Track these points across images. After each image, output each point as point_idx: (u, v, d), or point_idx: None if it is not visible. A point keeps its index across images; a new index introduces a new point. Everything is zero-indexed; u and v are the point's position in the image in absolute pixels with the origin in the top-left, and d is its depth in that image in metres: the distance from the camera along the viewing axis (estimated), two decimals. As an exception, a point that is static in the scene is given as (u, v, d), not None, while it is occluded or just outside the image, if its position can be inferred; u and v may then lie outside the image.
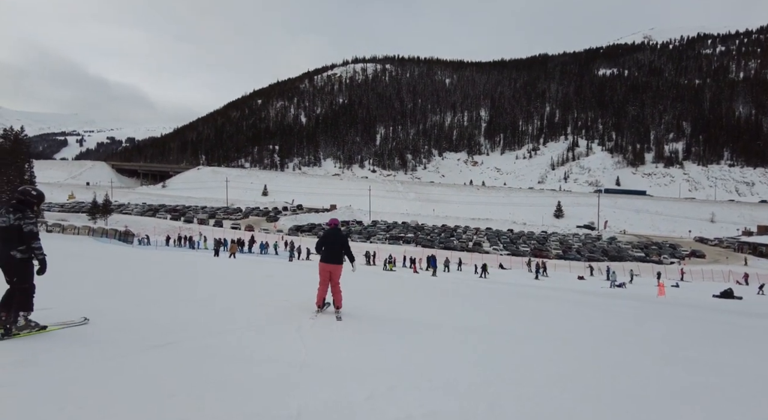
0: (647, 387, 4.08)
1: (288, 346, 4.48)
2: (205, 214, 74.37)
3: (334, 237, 6.23)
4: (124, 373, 3.33)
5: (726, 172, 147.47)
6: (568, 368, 4.60)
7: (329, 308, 6.39)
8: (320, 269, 6.16)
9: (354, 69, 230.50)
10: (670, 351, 6.02)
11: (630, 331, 7.81)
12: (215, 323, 5.31)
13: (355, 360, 4.24)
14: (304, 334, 5.01)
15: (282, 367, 3.78)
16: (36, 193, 4.23)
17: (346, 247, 6.31)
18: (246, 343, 4.50)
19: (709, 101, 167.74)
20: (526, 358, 4.95)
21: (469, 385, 3.70)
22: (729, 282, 35.43)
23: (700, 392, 4.09)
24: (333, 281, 6.14)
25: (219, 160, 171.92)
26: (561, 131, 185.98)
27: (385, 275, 21.00)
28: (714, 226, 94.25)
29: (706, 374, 4.79)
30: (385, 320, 6.49)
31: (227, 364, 3.74)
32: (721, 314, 12.17)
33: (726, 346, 6.99)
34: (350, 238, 57.81)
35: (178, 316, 5.56)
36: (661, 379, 4.41)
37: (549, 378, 4.12)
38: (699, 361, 5.54)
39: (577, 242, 67.83)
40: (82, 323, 4.53)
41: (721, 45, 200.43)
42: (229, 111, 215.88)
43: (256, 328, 5.21)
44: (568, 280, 31.13)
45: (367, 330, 5.68)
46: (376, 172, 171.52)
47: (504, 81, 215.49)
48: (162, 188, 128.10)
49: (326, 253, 6.16)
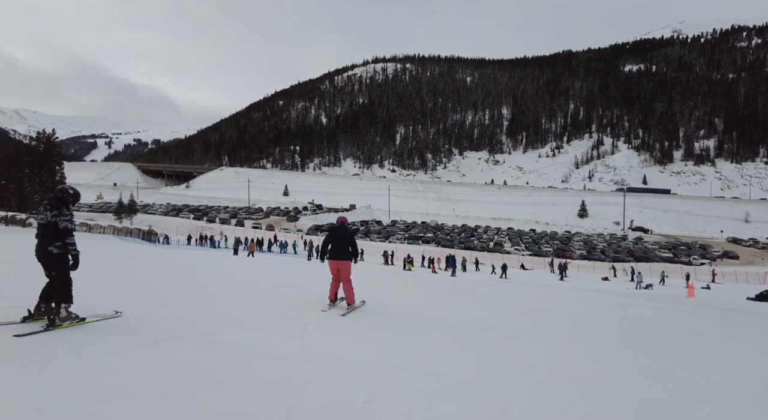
0: (656, 393, 3.79)
1: (287, 344, 4.38)
2: (227, 213, 75.59)
3: (341, 234, 6.31)
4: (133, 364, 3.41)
5: (762, 170, 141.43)
6: (578, 371, 4.33)
7: (342, 302, 6.44)
8: (330, 266, 6.28)
9: (374, 69, 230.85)
10: (687, 354, 5.61)
11: (651, 332, 7.38)
12: (217, 320, 5.24)
13: (358, 359, 4.10)
14: (308, 332, 4.91)
15: (277, 365, 3.68)
16: (72, 192, 4.47)
17: (353, 244, 6.36)
18: (246, 339, 4.41)
19: (744, 96, 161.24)
20: (538, 359, 4.70)
21: (475, 387, 3.50)
22: (766, 284, 33.80)
23: (709, 398, 3.79)
24: (343, 277, 6.21)
25: (241, 161, 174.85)
26: (585, 129, 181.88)
27: (402, 274, 20.77)
28: (748, 226, 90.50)
29: (718, 379, 4.44)
30: (395, 318, 6.35)
31: (222, 360, 3.68)
32: (753, 317, 11.49)
33: (750, 350, 6.51)
34: (369, 238, 58.15)
35: (184, 313, 5.54)
36: (672, 383, 4.11)
37: (557, 381, 3.88)
38: (715, 364, 5.15)
39: (602, 242, 66.11)
40: (115, 316, 4.76)
41: (757, 37, 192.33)
42: (251, 112, 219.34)
43: (258, 325, 5.13)
44: (592, 281, 30.24)
45: (375, 327, 5.56)
46: (395, 172, 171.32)
47: (526, 78, 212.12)
48: (186, 189, 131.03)
49: (333, 250, 6.25)
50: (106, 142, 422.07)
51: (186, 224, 61.71)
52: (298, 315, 5.77)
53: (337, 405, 2.93)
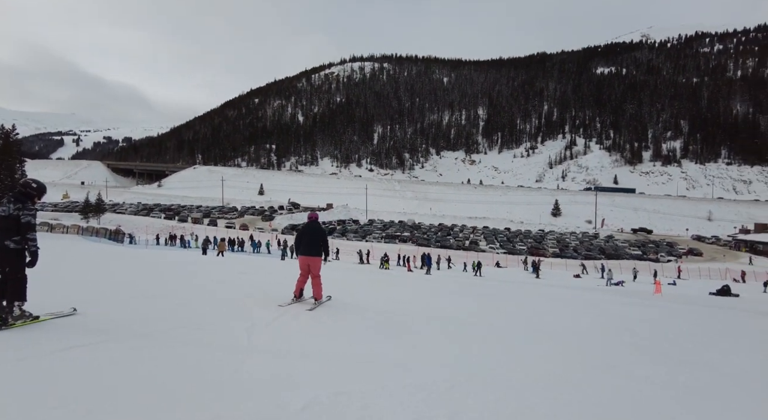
0: (622, 389, 3.72)
1: (233, 339, 4.26)
2: (199, 213, 73.85)
3: (312, 230, 6.33)
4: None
5: (723, 171, 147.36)
6: (545, 368, 4.23)
7: (308, 299, 6.42)
8: (300, 262, 6.28)
9: (352, 67, 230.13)
10: (656, 350, 5.61)
11: (617, 328, 7.41)
12: (175, 318, 5.02)
13: (313, 356, 3.94)
14: (271, 328, 4.82)
15: (228, 360, 3.59)
16: (36, 186, 4.30)
17: (324, 241, 6.41)
18: (203, 336, 4.27)
19: (707, 99, 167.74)
20: (504, 356, 4.59)
21: (436, 388, 3.35)
22: (726, 279, 35.09)
23: (676, 393, 3.75)
24: (313, 273, 6.23)
25: (215, 160, 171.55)
26: (559, 130, 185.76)
27: (377, 273, 20.57)
28: (711, 224, 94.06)
29: (681, 372, 4.46)
30: (364, 314, 6.27)
31: (178, 356, 3.61)
32: (715, 311, 11.79)
33: (712, 344, 6.59)
34: (346, 237, 57.77)
35: (142, 311, 5.29)
36: (637, 381, 4.05)
37: (526, 378, 3.78)
38: (676, 357, 5.16)
39: (575, 241, 67.51)
40: (72, 314, 4.59)
41: (719, 43, 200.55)
42: (226, 110, 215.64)
43: (212, 322, 4.90)
44: (564, 279, 30.76)
45: (343, 322, 5.50)
46: (373, 171, 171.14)
47: (502, 79, 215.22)
48: (158, 187, 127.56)
49: (305, 246, 6.27)
50: (75, 139, 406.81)
51: (157, 224, 59.99)
52: (254, 312, 5.62)
53: (267, 412, 2.72)
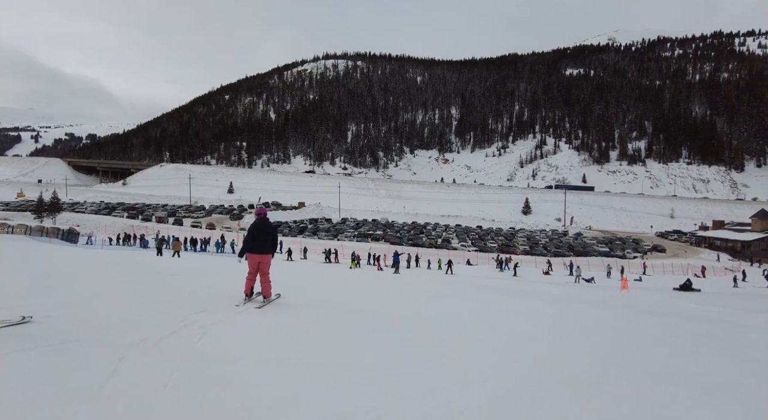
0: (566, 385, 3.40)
1: (188, 341, 3.97)
2: (164, 212, 71.24)
3: (264, 228, 6.21)
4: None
5: (684, 170, 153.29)
6: (491, 367, 3.97)
7: (258, 297, 6.30)
8: (250, 260, 6.10)
9: (325, 65, 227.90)
10: (618, 353, 5.18)
11: (572, 325, 7.00)
12: (123, 322, 4.61)
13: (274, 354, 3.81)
14: (222, 328, 4.58)
15: (184, 363, 3.35)
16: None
17: (274, 238, 6.37)
18: (150, 338, 3.96)
19: (669, 102, 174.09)
20: (438, 356, 4.28)
21: (371, 390, 3.13)
22: (688, 274, 36.06)
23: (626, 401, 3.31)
24: (263, 271, 6.13)
25: (184, 157, 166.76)
26: (530, 130, 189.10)
27: (344, 272, 19.86)
28: (674, 221, 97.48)
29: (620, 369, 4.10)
30: (317, 311, 6.19)
31: (133, 362, 3.32)
32: (677, 310, 11.69)
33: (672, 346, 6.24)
34: (317, 236, 56.76)
35: (89, 315, 4.84)
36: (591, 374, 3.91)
37: (463, 379, 3.54)
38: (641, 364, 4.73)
39: (544, 238, 68.54)
40: (23, 322, 4.14)
41: (679, 48, 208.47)
42: (195, 107, 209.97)
43: (163, 324, 4.52)
44: (534, 276, 30.83)
45: (293, 320, 5.36)
46: (347, 170, 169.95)
47: (474, 79, 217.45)
48: (122, 186, 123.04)
49: (255, 244, 6.12)
50: (33, 136, 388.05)
51: (118, 223, 57.52)
52: (209, 311, 5.34)
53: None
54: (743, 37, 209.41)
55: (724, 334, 7.17)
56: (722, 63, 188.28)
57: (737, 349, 5.84)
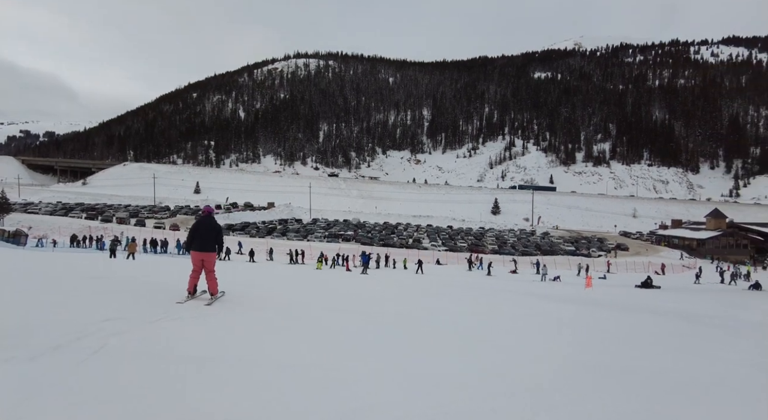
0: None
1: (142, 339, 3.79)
2: (126, 212, 68.37)
3: (207, 225, 6.13)
4: None
5: (645, 171, 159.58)
6: (438, 368, 3.86)
7: (203, 295, 6.25)
8: (193, 257, 6.06)
9: (296, 64, 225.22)
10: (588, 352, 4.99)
11: (534, 322, 6.83)
12: (65, 325, 4.07)
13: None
14: (168, 325, 4.48)
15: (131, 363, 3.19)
16: None
17: (219, 236, 6.25)
18: (93, 340, 3.62)
19: (631, 106, 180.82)
20: (390, 355, 4.17)
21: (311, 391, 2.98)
22: (649, 271, 37.17)
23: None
24: (207, 268, 6.07)
25: (149, 157, 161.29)
26: (499, 131, 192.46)
27: (303, 272, 19.32)
28: (636, 220, 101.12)
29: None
30: (260, 307, 6.22)
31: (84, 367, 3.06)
32: (641, 308, 11.81)
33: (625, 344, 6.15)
34: (286, 237, 55.71)
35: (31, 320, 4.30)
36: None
37: (398, 379, 3.40)
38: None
39: (513, 237, 69.64)
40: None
41: (640, 55, 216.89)
42: (161, 104, 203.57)
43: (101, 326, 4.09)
44: (501, 274, 31.03)
45: (240, 317, 5.31)
46: (319, 170, 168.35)
47: (445, 81, 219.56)
48: (82, 186, 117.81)
49: (199, 241, 6.07)
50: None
51: (75, 224, 54.65)
52: (152, 309, 5.12)
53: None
54: (698, 45, 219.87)
55: (681, 331, 7.14)
56: (679, 70, 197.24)
57: (694, 347, 5.75)
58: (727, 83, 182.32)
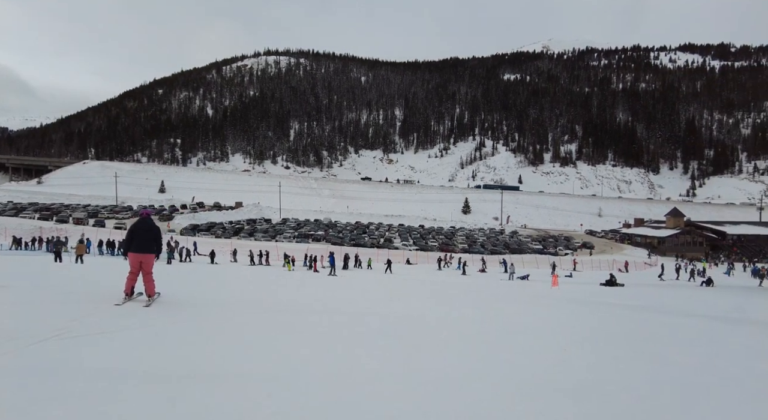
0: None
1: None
2: (84, 212, 65.20)
3: (146, 227, 6.22)
4: None
5: (610, 172, 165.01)
6: (397, 365, 3.85)
7: (139, 297, 6.26)
8: (131, 259, 6.08)
9: (266, 61, 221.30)
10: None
11: (487, 321, 6.56)
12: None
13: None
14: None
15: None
16: None
17: (157, 238, 6.36)
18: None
19: (596, 108, 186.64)
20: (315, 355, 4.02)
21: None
22: (613, 269, 38.11)
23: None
24: (145, 270, 6.12)
25: (111, 155, 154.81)
26: (470, 132, 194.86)
27: (261, 273, 18.63)
28: (601, 219, 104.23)
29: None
30: (200, 307, 6.30)
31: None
32: (607, 306, 11.83)
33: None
34: (254, 238, 54.40)
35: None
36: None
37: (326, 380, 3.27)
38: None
39: (482, 236, 70.42)
40: None
41: (605, 59, 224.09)
42: (125, 100, 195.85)
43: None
44: (471, 273, 31.08)
45: (173, 317, 5.30)
46: (290, 169, 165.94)
47: (417, 82, 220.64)
48: (37, 184, 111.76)
49: (137, 243, 6.12)
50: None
51: (26, 225, 51.69)
52: (87, 313, 5.01)
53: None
54: (657, 51, 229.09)
55: (643, 333, 7.02)
56: (640, 74, 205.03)
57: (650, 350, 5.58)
58: (684, 88, 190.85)
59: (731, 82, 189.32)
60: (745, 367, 4.85)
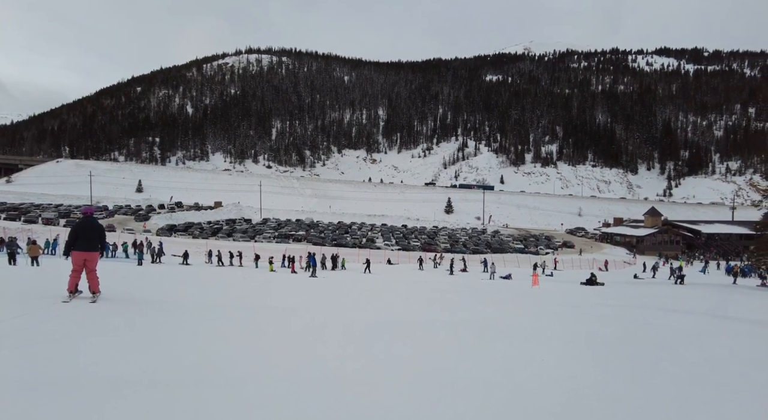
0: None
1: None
2: (54, 212, 62.90)
3: (89, 226, 6.34)
4: None
5: (590, 172, 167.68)
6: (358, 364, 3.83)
7: (82, 294, 6.35)
8: (74, 257, 6.21)
9: (248, 59, 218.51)
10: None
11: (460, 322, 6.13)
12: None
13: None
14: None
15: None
16: None
17: (102, 236, 6.49)
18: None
19: (577, 109, 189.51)
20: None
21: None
22: (593, 268, 38.34)
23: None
24: (89, 268, 6.27)
25: (87, 153, 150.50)
26: (452, 132, 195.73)
27: (229, 273, 17.93)
28: (581, 219, 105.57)
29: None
30: (146, 304, 6.49)
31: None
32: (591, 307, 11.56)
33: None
34: (232, 238, 53.23)
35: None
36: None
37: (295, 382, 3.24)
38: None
39: (464, 236, 70.45)
40: None
41: (584, 61, 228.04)
42: (101, 98, 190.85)
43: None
44: (445, 273, 30.77)
45: (114, 314, 5.38)
46: (272, 168, 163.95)
47: (401, 82, 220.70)
48: (6, 183, 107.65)
49: (82, 242, 6.25)
50: None
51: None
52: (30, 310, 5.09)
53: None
54: (635, 54, 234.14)
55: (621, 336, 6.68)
56: (619, 76, 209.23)
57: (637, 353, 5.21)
58: (660, 90, 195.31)
59: (704, 85, 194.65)
60: (739, 373, 4.51)
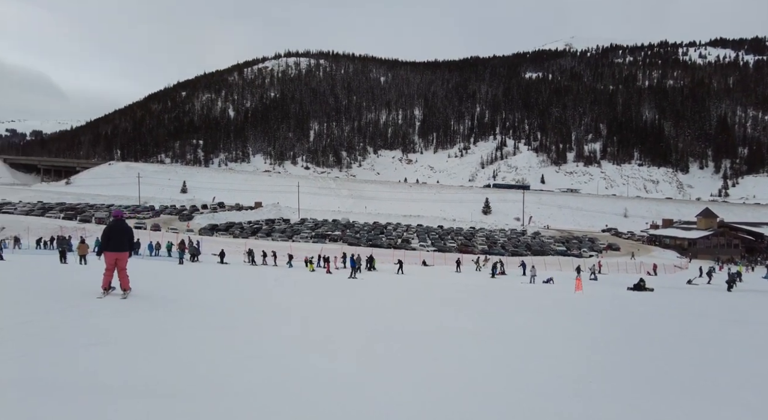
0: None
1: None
2: (106, 212, 66.50)
3: (120, 228, 6.76)
4: None
5: (636, 171, 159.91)
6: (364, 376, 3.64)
7: (114, 291, 6.76)
8: (107, 257, 6.61)
9: (286, 62, 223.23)
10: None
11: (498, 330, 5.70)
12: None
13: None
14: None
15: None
16: None
17: (130, 237, 6.93)
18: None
19: (621, 106, 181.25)
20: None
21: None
22: (641, 273, 36.36)
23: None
24: (120, 267, 6.68)
25: (136, 156, 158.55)
26: (490, 131, 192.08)
27: (263, 273, 18.06)
28: (627, 220, 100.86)
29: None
30: (172, 303, 6.82)
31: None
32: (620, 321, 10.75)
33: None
34: (271, 237, 54.33)
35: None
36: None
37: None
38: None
39: (503, 237, 68.78)
40: None
41: (630, 55, 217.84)
42: (149, 103, 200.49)
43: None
44: (485, 276, 29.94)
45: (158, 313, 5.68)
46: (309, 169, 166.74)
47: (437, 81, 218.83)
48: (65, 185, 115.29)
49: (113, 243, 6.65)
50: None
51: (51, 225, 52.98)
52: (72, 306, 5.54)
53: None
54: (686, 47, 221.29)
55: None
56: (668, 70, 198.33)
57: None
58: (714, 84, 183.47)
59: (766, 77, 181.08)
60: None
